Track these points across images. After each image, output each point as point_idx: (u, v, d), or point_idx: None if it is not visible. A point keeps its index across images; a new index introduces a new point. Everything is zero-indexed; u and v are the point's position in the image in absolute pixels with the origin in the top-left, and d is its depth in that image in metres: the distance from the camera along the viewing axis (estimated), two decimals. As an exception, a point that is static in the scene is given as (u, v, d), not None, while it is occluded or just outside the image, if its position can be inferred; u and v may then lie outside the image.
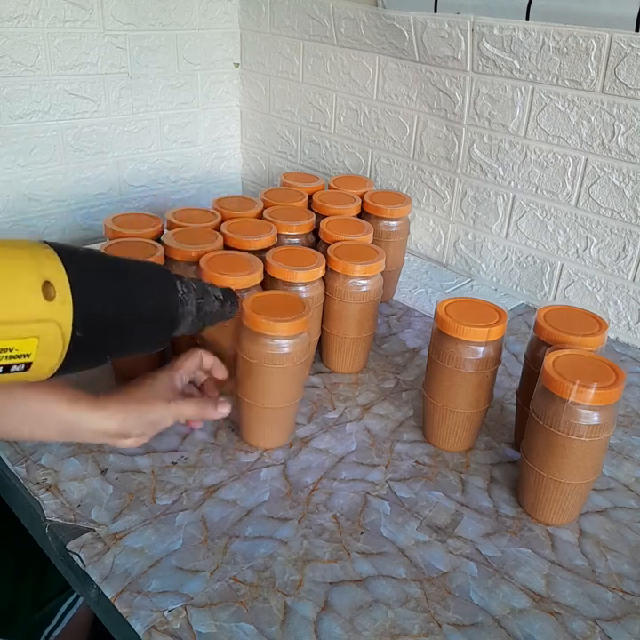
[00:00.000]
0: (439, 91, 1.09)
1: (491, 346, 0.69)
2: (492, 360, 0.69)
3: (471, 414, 0.72)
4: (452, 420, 0.72)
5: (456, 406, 0.71)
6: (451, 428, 0.72)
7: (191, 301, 0.50)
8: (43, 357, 0.41)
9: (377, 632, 0.54)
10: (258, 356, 0.67)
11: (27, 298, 0.39)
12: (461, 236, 1.16)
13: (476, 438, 0.75)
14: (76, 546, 0.59)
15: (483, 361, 0.69)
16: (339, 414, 0.79)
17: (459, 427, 0.72)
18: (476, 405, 0.71)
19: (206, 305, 0.52)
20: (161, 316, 0.48)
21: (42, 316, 0.40)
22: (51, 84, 1.20)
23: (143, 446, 0.72)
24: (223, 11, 1.39)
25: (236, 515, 0.64)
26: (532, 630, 0.55)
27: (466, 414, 0.71)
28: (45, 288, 0.40)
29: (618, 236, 0.95)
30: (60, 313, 0.40)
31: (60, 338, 0.41)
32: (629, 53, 0.86)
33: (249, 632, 0.53)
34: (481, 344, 0.68)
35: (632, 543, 0.64)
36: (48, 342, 0.41)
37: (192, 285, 0.51)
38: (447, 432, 0.73)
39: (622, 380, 0.60)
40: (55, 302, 0.40)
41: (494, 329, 0.67)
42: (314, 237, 0.94)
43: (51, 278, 0.40)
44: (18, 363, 0.40)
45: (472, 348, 0.68)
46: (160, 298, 0.48)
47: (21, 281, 0.39)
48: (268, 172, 1.51)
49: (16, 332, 0.39)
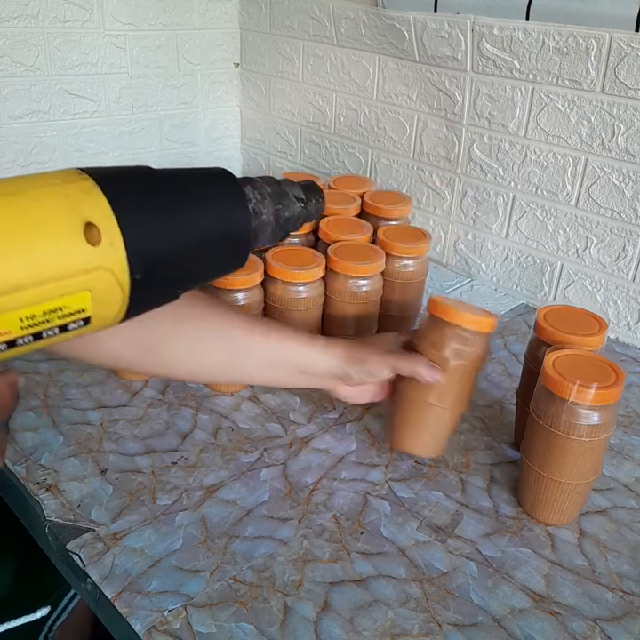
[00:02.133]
0: (439, 91, 1.09)
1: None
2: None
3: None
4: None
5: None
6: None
7: (267, 210, 0.43)
8: (101, 309, 0.35)
9: (377, 632, 0.54)
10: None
11: (66, 247, 0.33)
12: (461, 236, 1.16)
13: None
14: (76, 546, 0.59)
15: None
16: (339, 414, 0.79)
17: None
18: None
19: (286, 210, 0.44)
20: (232, 235, 0.41)
21: (88, 264, 0.33)
22: (51, 84, 1.20)
23: (143, 446, 0.72)
24: (223, 11, 1.39)
25: (236, 515, 0.64)
26: (531, 630, 0.55)
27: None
28: (88, 231, 0.33)
29: (618, 236, 0.95)
30: (109, 258, 0.34)
31: (117, 285, 0.35)
32: (629, 53, 0.86)
33: (249, 632, 0.53)
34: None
35: (632, 543, 0.64)
36: (103, 292, 0.35)
37: (266, 189, 0.43)
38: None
39: (622, 380, 0.60)
40: (102, 246, 0.34)
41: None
42: (314, 237, 0.94)
43: (93, 218, 0.34)
44: (74, 320, 0.34)
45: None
46: (228, 215, 0.41)
47: (57, 227, 0.33)
48: (268, 171, 1.51)
49: (61, 289, 0.33)
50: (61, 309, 0.34)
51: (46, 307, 0.33)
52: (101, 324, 0.36)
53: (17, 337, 0.33)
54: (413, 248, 0.87)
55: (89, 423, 0.75)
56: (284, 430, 0.76)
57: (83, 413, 0.77)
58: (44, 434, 0.73)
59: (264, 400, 0.81)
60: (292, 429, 0.76)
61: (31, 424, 0.74)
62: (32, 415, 0.76)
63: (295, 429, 0.76)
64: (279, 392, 0.83)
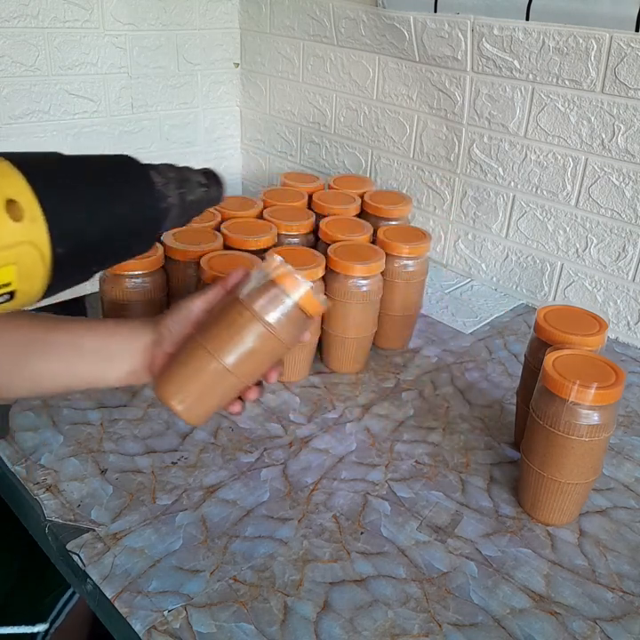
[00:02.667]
0: (439, 91, 1.09)
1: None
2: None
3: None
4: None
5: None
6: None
7: (172, 192, 0.45)
8: (26, 283, 0.37)
9: (377, 632, 0.54)
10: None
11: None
12: (461, 236, 1.16)
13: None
14: (76, 546, 0.59)
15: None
16: (339, 414, 0.79)
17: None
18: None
19: (190, 194, 0.46)
20: (141, 216, 0.44)
21: (12, 239, 0.35)
22: (51, 84, 1.20)
23: (143, 446, 0.72)
24: (223, 11, 1.39)
25: (236, 515, 0.64)
26: (531, 630, 0.55)
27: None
28: (10, 208, 0.35)
29: (618, 236, 0.95)
30: (32, 232, 0.36)
31: (40, 259, 0.37)
32: (629, 53, 0.86)
33: (249, 632, 0.53)
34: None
35: (632, 543, 0.64)
36: (27, 266, 0.37)
37: (170, 174, 0.46)
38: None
39: (622, 380, 0.60)
40: (24, 221, 0.36)
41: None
42: (314, 237, 0.94)
43: (14, 196, 0.36)
44: (0, 294, 0.36)
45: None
46: (137, 195, 0.43)
47: None
48: (267, 171, 1.51)
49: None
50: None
51: None
52: (25, 299, 0.38)
53: None
54: (413, 248, 0.87)
55: (89, 423, 0.75)
56: (283, 430, 0.76)
57: (83, 413, 0.77)
58: (44, 434, 0.73)
59: (264, 400, 0.81)
60: (292, 429, 0.76)
61: (31, 424, 0.74)
62: (32, 415, 0.76)
63: (295, 429, 0.76)
64: (279, 392, 0.83)
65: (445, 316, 1.04)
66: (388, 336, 0.93)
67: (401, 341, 0.94)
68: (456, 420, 0.80)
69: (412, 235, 0.90)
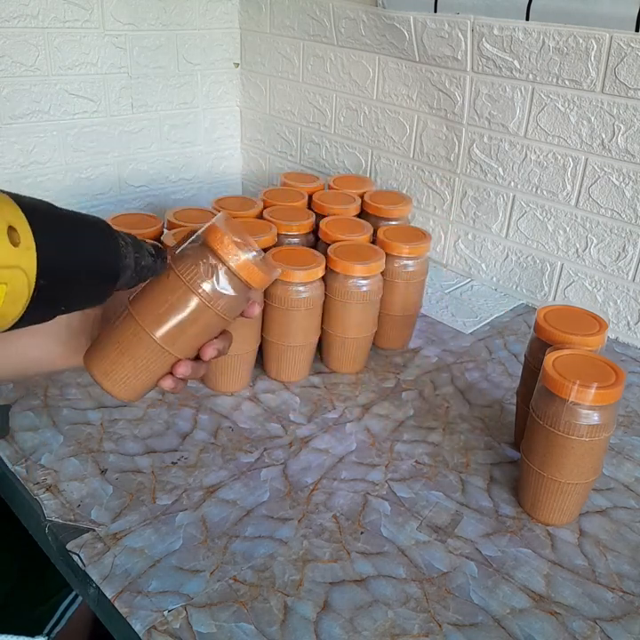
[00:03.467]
0: (439, 91, 1.09)
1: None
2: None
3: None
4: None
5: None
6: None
7: (130, 255, 0.48)
8: (8, 306, 0.40)
9: (377, 632, 0.54)
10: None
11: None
12: (461, 236, 1.16)
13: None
14: (76, 546, 0.59)
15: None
16: (339, 414, 0.79)
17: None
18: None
19: (142, 259, 0.49)
20: (108, 268, 0.48)
21: (9, 262, 0.38)
22: (51, 84, 1.20)
23: (143, 446, 0.72)
24: (223, 11, 1.39)
25: (236, 515, 0.64)
26: (531, 630, 0.55)
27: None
28: (10, 233, 0.39)
29: (618, 236, 0.95)
30: (25, 259, 0.39)
31: (27, 285, 0.40)
32: (629, 53, 0.86)
33: (249, 632, 0.53)
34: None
35: (632, 543, 0.64)
36: (15, 290, 0.39)
37: (129, 239, 0.49)
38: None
39: (622, 380, 0.60)
40: (21, 248, 0.39)
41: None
42: (314, 237, 0.94)
43: (14, 223, 0.39)
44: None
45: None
46: (107, 249, 0.47)
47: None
48: (267, 171, 1.51)
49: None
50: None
51: None
52: (0, 322, 0.41)
53: None
54: (413, 248, 0.87)
55: (89, 423, 0.75)
56: (284, 430, 0.76)
57: (83, 413, 0.77)
58: (44, 434, 0.73)
59: (264, 400, 0.81)
60: (292, 429, 0.76)
61: (31, 424, 0.74)
62: (32, 415, 0.76)
63: (295, 429, 0.76)
64: (279, 392, 0.83)
65: (445, 316, 1.04)
66: (388, 336, 0.93)
67: (401, 341, 0.95)
68: (456, 420, 0.80)
69: (412, 235, 0.90)
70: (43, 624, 0.80)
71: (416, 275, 0.90)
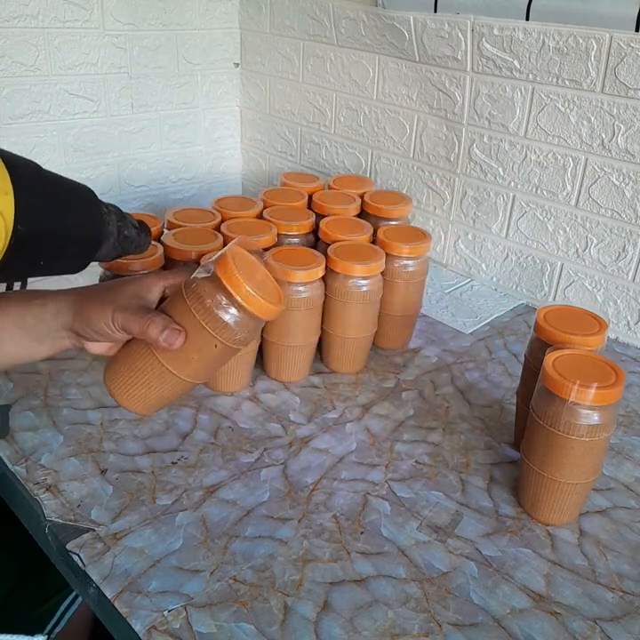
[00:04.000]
0: (439, 91, 1.09)
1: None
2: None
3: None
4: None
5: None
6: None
7: (112, 223, 0.48)
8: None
9: (377, 632, 0.54)
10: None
11: None
12: (461, 236, 1.16)
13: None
14: (76, 546, 0.59)
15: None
16: (339, 414, 0.79)
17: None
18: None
19: (125, 229, 0.50)
20: (88, 232, 0.47)
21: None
22: (51, 84, 1.20)
23: (143, 446, 0.72)
24: (223, 11, 1.39)
25: (236, 515, 0.64)
26: (531, 630, 0.55)
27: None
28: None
29: (618, 236, 0.95)
30: (3, 203, 0.39)
31: (3, 229, 0.40)
32: (629, 53, 0.86)
33: (249, 632, 0.53)
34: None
35: (632, 543, 0.64)
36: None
37: (112, 208, 0.49)
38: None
39: (622, 380, 0.60)
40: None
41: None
42: (314, 237, 0.94)
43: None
44: None
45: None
46: (88, 213, 0.47)
47: None
48: (267, 172, 1.51)
49: None
50: None
51: None
52: None
53: None
54: (413, 248, 0.87)
55: (89, 423, 0.75)
56: (284, 430, 0.76)
57: (83, 413, 0.77)
58: (44, 434, 0.73)
59: (264, 400, 0.81)
60: (292, 429, 0.76)
61: (31, 424, 0.74)
62: (32, 415, 0.76)
63: (295, 429, 0.76)
64: (279, 392, 0.83)
65: (445, 316, 1.04)
66: (388, 336, 0.93)
67: (401, 341, 0.95)
68: (456, 420, 0.80)
69: (412, 235, 0.90)
70: (43, 624, 0.80)
71: (416, 275, 0.90)
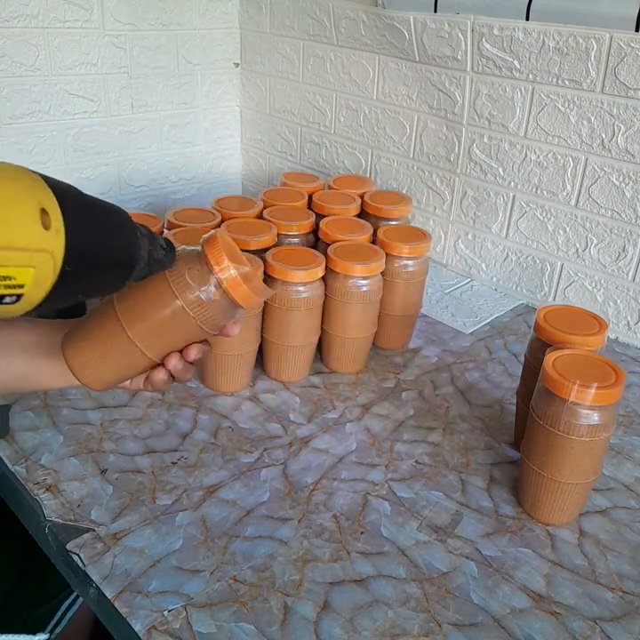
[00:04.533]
0: (439, 91, 1.09)
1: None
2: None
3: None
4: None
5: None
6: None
7: (144, 247, 0.48)
8: (34, 289, 0.39)
9: (377, 632, 0.54)
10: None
11: (28, 224, 0.37)
12: (461, 236, 1.16)
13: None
14: (76, 546, 0.59)
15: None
16: (339, 414, 0.79)
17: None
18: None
19: (155, 252, 0.49)
20: (125, 258, 0.47)
21: (40, 244, 0.38)
22: (51, 84, 1.20)
23: (143, 446, 0.72)
24: (223, 11, 1.39)
25: (236, 515, 0.64)
26: (531, 630, 0.55)
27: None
28: (43, 216, 0.38)
29: (618, 236, 0.95)
30: (54, 243, 0.39)
31: (52, 270, 0.39)
32: (629, 53, 0.86)
33: (249, 632, 0.53)
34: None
35: (632, 543, 0.64)
36: (42, 273, 0.39)
37: (144, 231, 0.49)
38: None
39: (622, 380, 0.60)
40: (51, 232, 0.38)
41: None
42: (314, 237, 0.94)
43: (46, 206, 0.38)
44: (11, 294, 0.38)
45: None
46: (126, 239, 0.47)
47: (22, 206, 0.37)
48: (267, 172, 1.51)
49: (17, 260, 0.37)
50: (10, 279, 0.37)
51: (4, 271, 0.37)
52: (20, 307, 0.40)
53: None
54: (413, 248, 0.87)
55: (89, 423, 0.75)
56: (284, 430, 0.76)
57: (83, 413, 0.77)
58: (44, 434, 0.73)
59: (264, 400, 0.81)
60: (292, 429, 0.76)
61: (31, 424, 0.74)
62: (32, 415, 0.76)
63: (295, 429, 0.76)
64: (279, 392, 0.83)
65: (445, 316, 1.04)
66: (388, 336, 0.93)
67: (401, 341, 0.95)
68: (456, 420, 0.80)
69: (412, 235, 0.90)
70: (43, 624, 0.80)
71: (416, 275, 0.90)
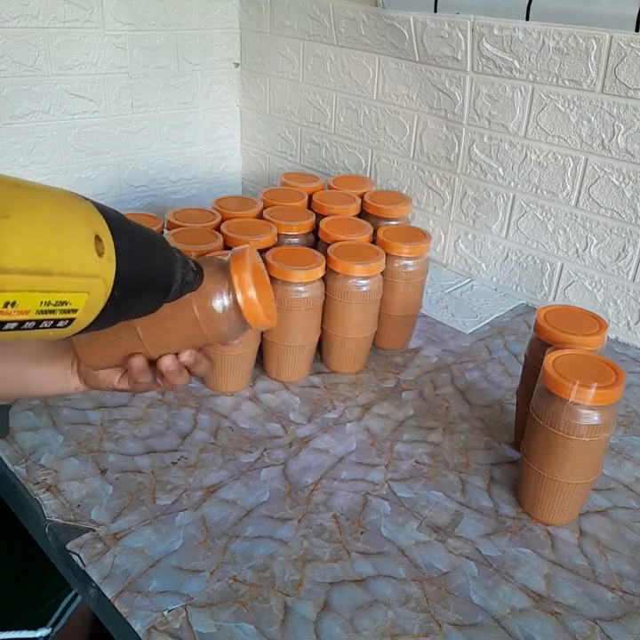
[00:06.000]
0: (439, 91, 1.09)
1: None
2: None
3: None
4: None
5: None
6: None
7: (179, 270, 0.49)
8: (85, 314, 0.40)
9: (377, 632, 0.54)
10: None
11: (84, 251, 0.38)
12: (461, 236, 1.16)
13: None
14: (76, 546, 0.59)
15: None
16: (339, 414, 0.79)
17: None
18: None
19: (187, 275, 0.50)
20: (163, 282, 0.48)
21: (94, 271, 0.39)
22: (51, 84, 1.20)
23: (143, 446, 0.72)
24: (223, 11, 1.39)
25: (236, 515, 0.64)
26: (531, 630, 0.55)
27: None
28: (97, 243, 0.39)
29: (618, 236, 0.95)
30: (107, 269, 0.40)
31: (103, 295, 0.40)
32: (629, 53, 0.86)
33: (249, 632, 0.53)
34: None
35: (632, 543, 0.64)
36: (94, 298, 0.40)
37: (178, 255, 0.49)
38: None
39: (622, 380, 0.60)
40: (104, 258, 0.39)
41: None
42: (314, 237, 0.94)
43: (100, 233, 0.39)
44: (64, 318, 0.39)
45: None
46: (166, 264, 0.48)
47: (80, 234, 0.38)
48: (267, 172, 1.51)
49: (73, 286, 0.38)
50: (66, 304, 0.38)
51: (60, 297, 0.37)
52: (72, 330, 0.41)
53: (30, 319, 0.36)
54: (413, 248, 0.87)
55: (89, 423, 0.75)
56: (284, 430, 0.76)
57: (83, 413, 0.77)
58: (44, 434, 0.73)
59: (264, 400, 0.81)
60: (292, 429, 0.76)
61: (31, 424, 0.74)
62: (32, 415, 0.76)
63: (295, 429, 0.76)
64: (279, 392, 0.83)
65: (445, 316, 1.04)
66: (388, 336, 0.93)
67: (401, 341, 0.95)
68: (456, 420, 0.80)
69: (412, 235, 0.90)
70: (43, 624, 0.80)
71: (416, 275, 0.90)
